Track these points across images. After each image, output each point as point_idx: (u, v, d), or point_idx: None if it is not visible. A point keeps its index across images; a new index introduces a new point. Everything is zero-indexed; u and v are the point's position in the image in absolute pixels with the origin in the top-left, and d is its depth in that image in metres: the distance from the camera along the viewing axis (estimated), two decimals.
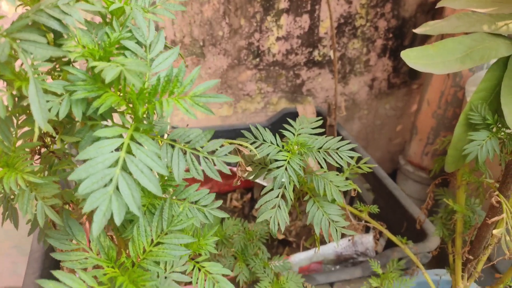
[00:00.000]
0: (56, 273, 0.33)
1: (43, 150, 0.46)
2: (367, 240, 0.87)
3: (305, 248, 1.09)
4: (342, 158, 0.55)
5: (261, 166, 0.61)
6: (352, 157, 0.56)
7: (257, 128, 0.57)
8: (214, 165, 0.38)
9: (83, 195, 0.29)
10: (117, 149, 0.32)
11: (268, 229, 0.80)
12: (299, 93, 1.28)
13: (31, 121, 0.35)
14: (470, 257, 0.62)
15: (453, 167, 0.59)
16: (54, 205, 0.34)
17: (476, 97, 0.58)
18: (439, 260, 0.88)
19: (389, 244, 0.96)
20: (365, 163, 0.65)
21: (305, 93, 1.28)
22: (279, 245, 1.16)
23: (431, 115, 1.26)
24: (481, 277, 0.65)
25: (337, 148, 0.56)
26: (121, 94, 0.34)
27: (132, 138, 0.33)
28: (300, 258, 0.82)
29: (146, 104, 0.35)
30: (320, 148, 0.56)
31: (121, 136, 0.33)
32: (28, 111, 0.34)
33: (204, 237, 0.48)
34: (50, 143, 0.44)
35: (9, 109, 0.35)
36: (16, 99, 0.35)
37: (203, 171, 0.37)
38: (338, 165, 0.57)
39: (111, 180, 0.30)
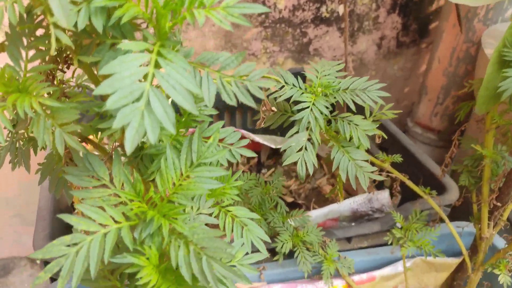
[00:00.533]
0: (79, 206, 0.30)
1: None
2: (383, 197, 0.85)
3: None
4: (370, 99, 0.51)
5: (281, 112, 0.58)
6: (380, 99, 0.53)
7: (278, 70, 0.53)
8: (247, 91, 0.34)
9: (112, 111, 0.26)
10: (142, 66, 0.28)
11: (281, 188, 0.77)
12: (306, 53, 1.23)
13: (43, 40, 0.31)
14: (498, 203, 0.60)
15: (484, 108, 0.56)
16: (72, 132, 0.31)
17: (510, 32, 0.54)
18: (457, 214, 0.87)
19: (403, 201, 0.94)
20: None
21: (312, 53, 1.24)
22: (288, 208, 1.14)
23: (442, 73, 1.23)
24: (507, 226, 0.64)
25: (365, 88, 0.52)
26: (144, 7, 0.30)
27: (159, 54, 0.29)
28: (316, 214, 0.80)
29: (171, 21, 0.31)
30: (346, 89, 0.53)
31: (146, 51, 0.29)
32: (39, 28, 0.31)
33: (228, 182, 0.45)
34: (60, 76, 0.40)
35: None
36: (25, 15, 0.31)
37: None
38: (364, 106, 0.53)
39: (141, 95, 0.27)
